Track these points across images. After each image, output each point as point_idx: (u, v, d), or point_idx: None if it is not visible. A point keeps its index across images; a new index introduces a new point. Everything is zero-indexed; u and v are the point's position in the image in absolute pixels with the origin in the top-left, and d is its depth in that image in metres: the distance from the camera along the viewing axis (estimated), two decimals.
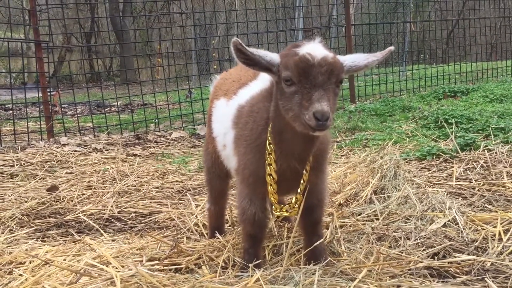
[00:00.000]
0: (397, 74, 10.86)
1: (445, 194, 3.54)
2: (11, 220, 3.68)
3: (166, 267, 2.57)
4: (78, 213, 3.82)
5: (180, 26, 11.90)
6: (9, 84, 11.25)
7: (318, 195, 2.55)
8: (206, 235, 3.21)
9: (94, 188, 4.49)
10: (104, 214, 3.82)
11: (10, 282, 2.54)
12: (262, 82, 2.50)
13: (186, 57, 15.57)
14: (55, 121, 7.76)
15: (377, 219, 3.19)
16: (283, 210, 2.51)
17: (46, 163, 5.52)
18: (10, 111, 9.63)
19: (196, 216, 3.54)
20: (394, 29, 11.94)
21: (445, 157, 4.61)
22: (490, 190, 3.72)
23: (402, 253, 2.64)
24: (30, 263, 2.71)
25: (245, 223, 2.54)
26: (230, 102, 2.69)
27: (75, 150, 6.11)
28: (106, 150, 6.18)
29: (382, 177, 3.76)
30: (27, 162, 5.52)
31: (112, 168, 5.13)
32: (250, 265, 2.41)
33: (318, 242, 2.51)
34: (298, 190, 2.42)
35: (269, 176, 2.38)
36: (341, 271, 2.38)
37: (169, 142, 6.68)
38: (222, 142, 2.72)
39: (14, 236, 3.37)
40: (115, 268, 2.45)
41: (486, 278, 2.37)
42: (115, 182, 4.65)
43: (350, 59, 2.25)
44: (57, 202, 4.14)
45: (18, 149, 6.15)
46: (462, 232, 2.88)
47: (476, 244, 2.74)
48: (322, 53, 2.10)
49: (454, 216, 3.04)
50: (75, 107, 9.55)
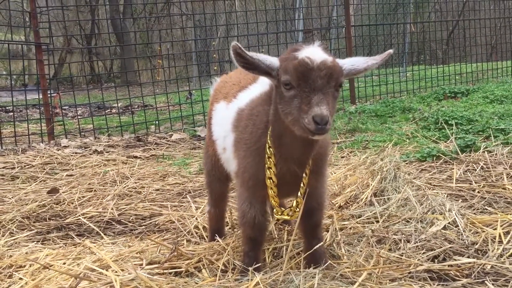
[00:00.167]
0: (397, 75, 10.86)
1: (445, 196, 3.54)
2: (12, 223, 3.68)
3: (166, 271, 2.57)
4: (79, 215, 3.82)
5: (180, 28, 11.91)
6: (9, 86, 11.27)
7: (318, 198, 2.55)
8: (206, 238, 3.21)
9: (95, 190, 4.49)
10: (104, 216, 3.82)
11: (10, 286, 2.54)
12: (262, 85, 2.50)
13: (187, 58, 15.59)
14: (56, 123, 7.77)
15: (377, 222, 3.19)
16: (284, 214, 2.51)
17: (46, 165, 5.52)
18: (11, 113, 9.63)
19: (196, 218, 3.54)
20: (394, 30, 11.94)
21: (445, 158, 4.61)
22: (490, 192, 3.72)
23: (402, 256, 2.64)
24: (30, 267, 2.71)
25: (245, 226, 2.54)
26: (230, 105, 2.69)
27: (76, 152, 6.11)
28: (106, 152, 6.18)
29: (382, 179, 3.76)
30: (28, 165, 5.52)
31: (112, 170, 5.14)
32: (250, 268, 2.41)
33: (318, 245, 2.51)
34: (298, 194, 2.43)
35: (269, 179, 2.38)
36: (341, 275, 2.39)
37: (169, 144, 6.69)
38: (222, 145, 2.72)
39: (14, 239, 3.37)
40: (115, 272, 2.46)
41: (486, 281, 2.37)
42: (116, 184, 4.65)
43: (349, 63, 2.25)
44: (57, 204, 4.14)
45: (19, 151, 6.16)
46: (462, 234, 2.88)
47: (476, 246, 2.74)
48: (321, 57, 2.10)
49: (454, 218, 3.04)
50: (76, 109, 9.56)
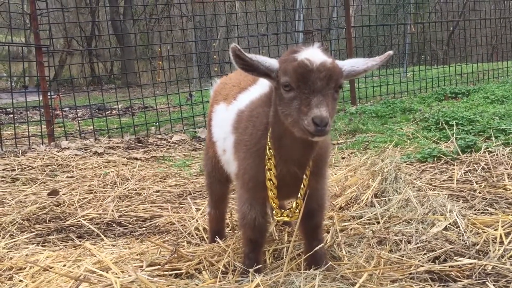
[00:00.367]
0: (397, 76, 10.85)
1: (446, 197, 3.54)
2: (12, 225, 3.68)
3: (166, 273, 2.56)
4: (79, 217, 3.82)
5: (180, 29, 11.92)
6: (10, 88, 11.27)
7: (318, 200, 2.54)
8: (206, 240, 3.20)
9: (95, 192, 4.49)
10: (104, 218, 3.82)
11: None
12: (262, 87, 2.50)
13: (187, 60, 15.57)
14: (56, 124, 7.77)
15: (377, 223, 3.19)
16: (284, 215, 2.50)
17: (47, 167, 5.52)
18: (11, 115, 9.63)
19: (196, 220, 3.54)
20: (394, 30, 11.93)
21: (446, 159, 4.60)
22: (491, 192, 3.71)
23: (403, 257, 2.63)
24: (30, 269, 2.71)
25: (245, 228, 2.54)
26: (230, 107, 2.69)
27: (76, 154, 6.11)
28: (107, 154, 6.18)
29: (383, 180, 3.75)
30: (28, 166, 5.52)
31: (113, 171, 5.13)
32: (251, 270, 2.40)
33: (319, 247, 2.51)
34: (299, 195, 2.42)
35: (269, 181, 2.38)
36: (341, 276, 2.38)
37: (170, 145, 6.68)
38: (222, 146, 2.72)
39: (14, 241, 3.36)
40: (115, 274, 2.45)
41: (487, 282, 2.36)
42: (116, 186, 4.65)
43: (349, 64, 2.25)
44: (57, 206, 4.14)
45: (19, 153, 6.15)
46: (463, 235, 2.87)
47: (477, 247, 2.73)
48: (321, 58, 2.10)
49: (455, 219, 3.03)
50: (76, 111, 9.55)
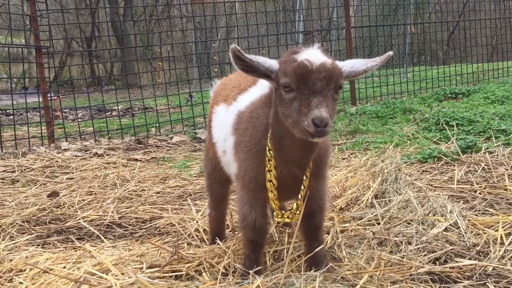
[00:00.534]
0: (398, 76, 10.85)
1: (446, 197, 3.53)
2: (12, 226, 3.67)
3: (166, 274, 2.56)
4: (79, 219, 3.82)
5: (180, 30, 11.92)
6: (10, 89, 11.27)
7: (318, 201, 2.54)
8: (206, 241, 3.20)
9: (95, 193, 4.48)
10: (104, 220, 3.81)
11: None
12: (262, 88, 2.50)
13: (187, 60, 15.58)
14: (56, 126, 7.77)
15: (378, 224, 3.18)
16: (285, 216, 2.50)
17: (47, 169, 5.52)
18: (11, 116, 9.63)
19: (196, 221, 3.53)
20: (394, 31, 11.93)
21: (446, 159, 4.60)
22: (492, 193, 3.70)
23: (403, 258, 2.63)
24: (30, 271, 2.70)
25: (245, 229, 2.53)
26: (230, 108, 2.69)
27: (76, 155, 6.11)
28: (107, 155, 6.17)
29: (383, 181, 3.75)
30: (28, 168, 5.52)
31: (113, 173, 5.13)
32: (251, 271, 2.40)
33: (319, 248, 2.51)
34: (299, 196, 2.42)
35: (269, 182, 2.37)
36: (342, 277, 2.37)
37: (170, 147, 6.68)
38: (222, 148, 2.72)
39: (14, 243, 3.36)
40: (115, 275, 2.45)
41: (488, 283, 2.36)
42: (116, 187, 4.65)
43: (349, 65, 2.25)
44: (57, 208, 4.13)
45: (19, 154, 6.15)
46: (463, 236, 2.87)
47: (477, 248, 2.72)
48: (321, 59, 2.10)
49: (456, 220, 3.03)
50: (76, 112, 9.55)
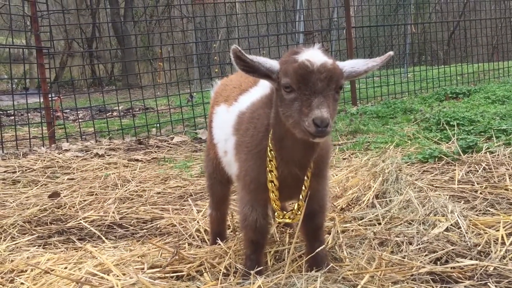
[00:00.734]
0: (398, 76, 10.85)
1: (447, 197, 3.53)
2: (13, 227, 3.68)
3: (167, 275, 2.56)
4: (80, 219, 3.82)
5: (181, 30, 11.93)
6: (11, 89, 11.28)
7: (319, 201, 2.54)
8: (207, 241, 3.20)
9: (96, 194, 4.49)
10: (105, 220, 3.82)
11: None
12: (263, 88, 2.50)
13: (188, 61, 15.58)
14: (57, 126, 7.78)
15: (379, 224, 3.18)
16: (286, 217, 2.50)
17: (47, 169, 5.52)
18: (12, 117, 9.64)
19: (197, 222, 3.53)
20: (395, 31, 11.93)
21: (447, 159, 4.60)
22: (493, 193, 3.70)
23: (404, 258, 2.63)
24: (31, 272, 2.70)
25: (246, 230, 2.54)
26: (231, 109, 2.69)
27: (77, 156, 6.11)
28: (107, 155, 6.18)
29: (384, 181, 3.75)
30: (29, 168, 5.52)
31: (113, 173, 5.13)
32: (252, 271, 2.40)
33: (320, 248, 2.51)
34: (300, 197, 2.42)
35: (270, 182, 2.37)
36: (343, 278, 2.37)
37: (170, 147, 6.68)
38: (223, 148, 2.72)
39: (15, 243, 3.36)
40: (116, 276, 2.45)
41: (489, 283, 2.36)
42: (117, 188, 4.65)
43: (349, 65, 2.25)
44: (58, 208, 4.14)
45: (20, 155, 6.16)
46: (464, 236, 2.87)
47: (478, 248, 2.72)
48: (321, 59, 2.10)
49: (457, 220, 3.03)
50: (77, 112, 9.57)
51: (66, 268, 2.75)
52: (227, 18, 11.69)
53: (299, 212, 2.45)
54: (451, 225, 2.99)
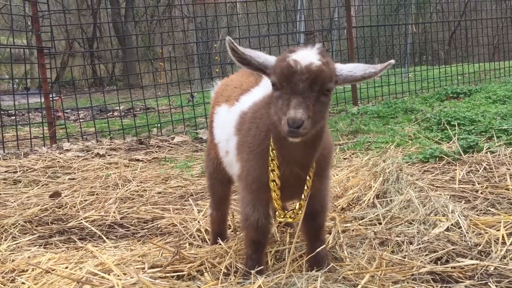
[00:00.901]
0: (399, 76, 10.85)
1: (448, 197, 3.53)
2: (14, 227, 3.68)
3: (168, 274, 2.56)
4: (81, 219, 3.82)
5: (182, 30, 11.93)
6: (12, 90, 11.30)
7: (321, 201, 2.54)
8: (208, 241, 3.20)
9: (97, 194, 4.49)
10: (106, 220, 3.82)
11: None
12: (264, 88, 2.50)
13: (188, 61, 15.58)
14: (58, 126, 7.78)
15: (379, 224, 3.19)
16: (287, 216, 2.50)
17: (48, 169, 5.53)
18: (13, 117, 9.65)
19: (198, 221, 3.54)
20: (396, 31, 11.92)
21: (447, 159, 4.60)
22: (493, 193, 3.71)
23: (405, 258, 2.63)
24: (32, 271, 2.71)
25: (248, 229, 2.54)
26: (232, 109, 2.69)
27: (78, 156, 6.12)
28: (108, 155, 6.18)
29: (385, 180, 3.75)
30: (30, 168, 5.53)
31: (114, 173, 5.14)
32: (253, 271, 2.40)
33: (321, 248, 2.51)
34: (302, 196, 2.42)
35: (272, 182, 2.38)
36: (343, 277, 2.38)
37: (171, 147, 6.69)
38: (224, 148, 2.72)
39: (16, 243, 3.37)
40: (117, 276, 2.45)
41: (489, 283, 2.36)
42: (118, 188, 4.65)
43: (347, 69, 2.22)
44: (59, 208, 4.14)
45: (21, 155, 6.17)
46: (465, 236, 2.87)
47: (479, 248, 2.73)
48: (309, 60, 2.08)
49: (457, 219, 3.03)
50: (78, 112, 9.57)
51: (67, 267, 2.75)
52: (228, 18, 11.69)
53: (300, 211, 2.45)
54: (452, 225, 3.00)
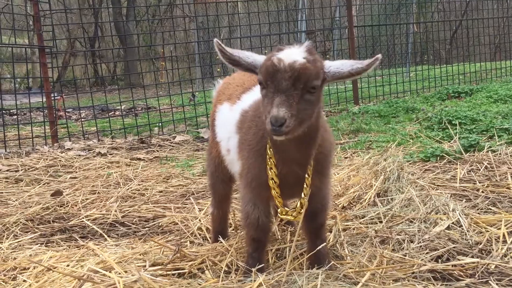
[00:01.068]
0: (400, 75, 10.84)
1: (448, 196, 3.54)
2: (16, 225, 3.69)
3: (169, 272, 2.57)
4: (82, 218, 3.83)
5: (183, 30, 11.93)
6: (13, 89, 11.32)
7: (322, 200, 2.55)
8: (209, 239, 3.21)
9: (98, 192, 4.50)
10: (108, 218, 3.83)
11: None
12: None
13: (190, 60, 15.59)
14: (59, 125, 7.79)
15: (380, 222, 3.19)
16: (289, 214, 2.50)
17: (50, 168, 5.54)
18: (15, 116, 9.67)
19: (199, 220, 3.54)
20: (397, 30, 11.93)
21: (449, 158, 4.60)
22: (494, 191, 3.71)
23: (406, 256, 2.63)
24: (34, 269, 2.72)
25: (248, 227, 2.54)
26: (234, 107, 2.70)
27: (79, 155, 6.13)
28: (110, 154, 6.19)
29: (386, 179, 3.75)
30: (32, 167, 5.54)
31: (116, 172, 5.14)
32: (253, 269, 2.41)
33: (321, 246, 2.51)
34: (302, 195, 2.42)
35: (271, 180, 2.38)
36: (344, 275, 2.38)
37: (172, 146, 6.69)
38: (226, 146, 2.72)
39: (18, 241, 3.38)
40: (118, 273, 2.46)
41: (490, 281, 2.36)
42: (119, 187, 4.66)
43: (335, 66, 2.21)
44: (61, 207, 4.15)
45: (23, 154, 6.18)
46: (466, 234, 2.87)
47: (480, 246, 2.73)
48: (293, 58, 2.08)
49: (458, 218, 3.03)
50: (79, 112, 9.59)
51: (68, 265, 2.76)
52: (229, 18, 11.70)
53: (302, 210, 2.45)
54: (453, 223, 3.00)
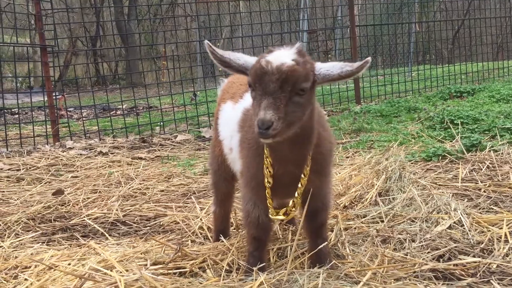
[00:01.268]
0: (402, 75, 10.83)
1: (450, 195, 3.53)
2: (17, 224, 3.69)
3: (170, 271, 2.57)
4: (83, 217, 3.83)
5: (185, 29, 11.93)
6: (15, 88, 11.35)
7: (322, 199, 2.54)
8: (210, 238, 3.21)
9: (100, 191, 4.50)
10: (109, 217, 3.83)
11: (15, 287, 2.55)
12: None
13: (191, 59, 15.61)
14: (61, 125, 7.80)
15: (382, 221, 3.18)
16: (280, 214, 2.50)
17: (51, 167, 5.54)
18: (16, 115, 9.68)
19: (200, 219, 3.54)
20: (399, 29, 11.92)
21: (450, 158, 4.59)
22: (496, 191, 3.70)
23: (407, 255, 2.63)
24: (35, 268, 2.72)
25: (249, 226, 2.54)
26: (237, 106, 2.70)
27: (81, 154, 6.13)
28: (111, 154, 6.19)
29: (387, 179, 3.75)
30: (33, 166, 5.55)
31: (117, 171, 5.15)
32: (255, 268, 2.41)
33: (323, 245, 2.51)
34: (296, 194, 2.41)
35: (267, 180, 2.38)
36: (345, 274, 2.38)
37: (174, 145, 6.69)
38: (228, 145, 2.72)
39: (19, 240, 3.38)
40: (120, 272, 2.46)
41: (491, 281, 2.35)
42: (120, 186, 4.66)
43: (326, 67, 2.19)
44: (62, 206, 4.15)
45: (24, 153, 6.18)
46: (467, 234, 2.87)
47: (481, 246, 2.72)
48: (281, 61, 2.07)
49: (460, 217, 3.02)
50: (81, 111, 9.59)
51: (69, 264, 2.76)
52: (231, 17, 11.70)
53: (294, 209, 2.45)
54: (454, 222, 2.99)
